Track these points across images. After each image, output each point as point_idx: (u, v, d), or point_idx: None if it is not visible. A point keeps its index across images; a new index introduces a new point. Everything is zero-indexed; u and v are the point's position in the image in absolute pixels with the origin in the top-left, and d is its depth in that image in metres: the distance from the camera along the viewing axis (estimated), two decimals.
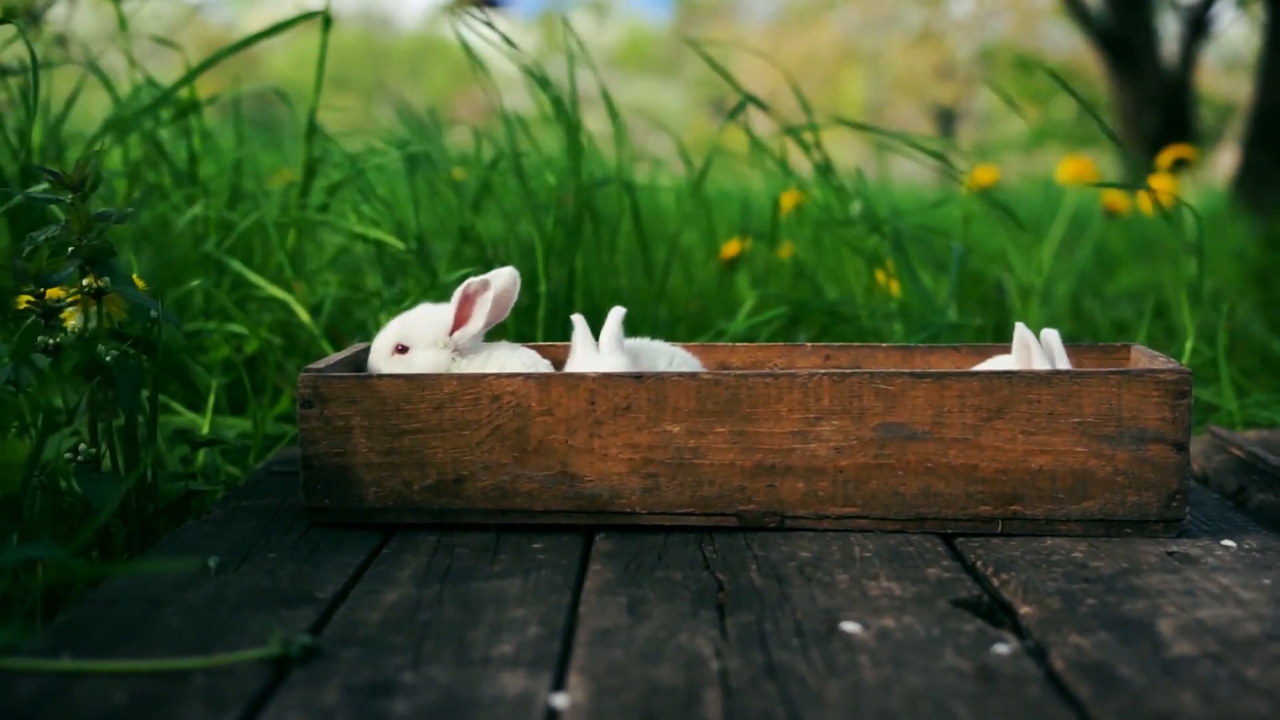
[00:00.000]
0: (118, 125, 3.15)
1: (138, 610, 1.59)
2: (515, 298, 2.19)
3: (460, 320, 2.16)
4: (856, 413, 1.92)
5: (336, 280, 3.36)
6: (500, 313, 2.17)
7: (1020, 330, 2.05)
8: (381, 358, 2.18)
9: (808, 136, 3.41)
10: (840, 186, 3.48)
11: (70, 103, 3.20)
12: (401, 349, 2.16)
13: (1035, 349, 2.04)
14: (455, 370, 2.13)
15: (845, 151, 3.55)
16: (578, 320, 2.21)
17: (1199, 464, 2.44)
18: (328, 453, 1.98)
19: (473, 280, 2.14)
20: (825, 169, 3.44)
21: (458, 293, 2.14)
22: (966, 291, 3.75)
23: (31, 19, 3.24)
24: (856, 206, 3.45)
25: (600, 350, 2.16)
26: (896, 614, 1.58)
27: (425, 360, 2.15)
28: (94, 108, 3.86)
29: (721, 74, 3.36)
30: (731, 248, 3.92)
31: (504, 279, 2.16)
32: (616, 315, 2.18)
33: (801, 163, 3.71)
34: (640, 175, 4.37)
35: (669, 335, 2.57)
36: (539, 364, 2.17)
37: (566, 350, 2.24)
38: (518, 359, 2.17)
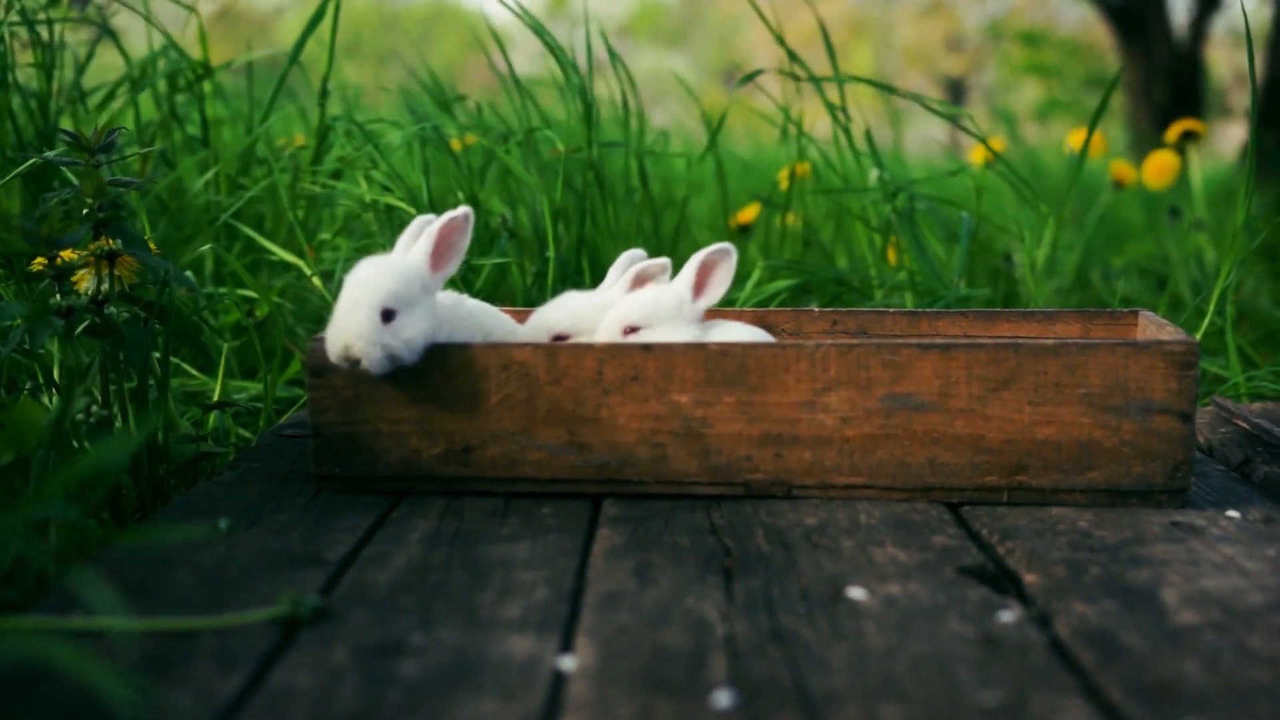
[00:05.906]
0: (133, 86, 3.16)
1: (148, 570, 1.60)
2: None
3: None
4: (863, 383, 1.92)
5: (347, 244, 3.37)
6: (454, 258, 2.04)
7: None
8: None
9: (832, 96, 3.40)
10: (858, 152, 3.47)
11: (85, 62, 3.20)
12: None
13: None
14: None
15: (857, 121, 3.53)
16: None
17: (1204, 435, 2.45)
18: (337, 421, 1.98)
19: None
20: (847, 129, 3.43)
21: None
22: (976, 262, 3.74)
23: None
24: (874, 175, 3.44)
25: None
26: (902, 580, 1.59)
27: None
28: (108, 71, 3.85)
29: (761, 18, 3.35)
30: (747, 213, 3.92)
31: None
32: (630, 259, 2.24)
33: (817, 127, 3.70)
34: (651, 141, 4.36)
35: None
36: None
37: None
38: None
